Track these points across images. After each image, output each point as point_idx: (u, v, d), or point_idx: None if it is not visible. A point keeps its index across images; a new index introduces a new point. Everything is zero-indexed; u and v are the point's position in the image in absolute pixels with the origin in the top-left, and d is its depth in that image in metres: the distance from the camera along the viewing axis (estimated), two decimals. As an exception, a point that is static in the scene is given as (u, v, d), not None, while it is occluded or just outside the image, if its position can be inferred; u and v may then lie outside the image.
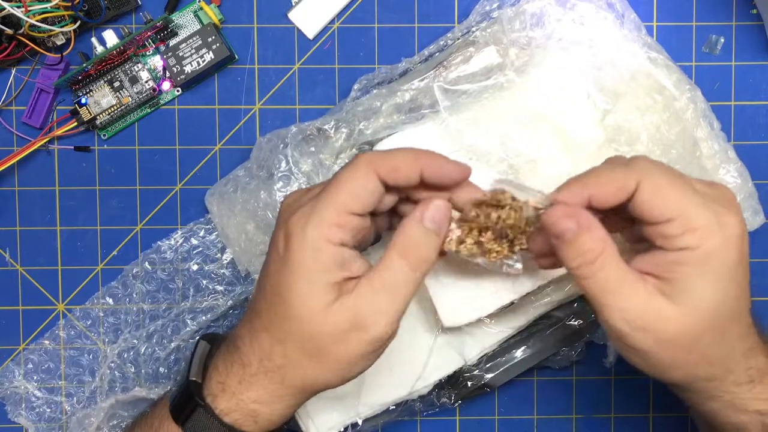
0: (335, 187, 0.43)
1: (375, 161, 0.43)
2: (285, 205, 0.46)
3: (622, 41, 0.56)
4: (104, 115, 0.61)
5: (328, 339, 0.42)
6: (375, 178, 0.43)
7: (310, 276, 0.42)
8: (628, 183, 0.42)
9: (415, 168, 0.43)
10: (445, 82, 0.56)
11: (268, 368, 0.44)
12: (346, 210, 0.42)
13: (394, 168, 0.43)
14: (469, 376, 0.59)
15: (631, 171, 0.42)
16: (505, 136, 0.55)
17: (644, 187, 0.41)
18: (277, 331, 0.44)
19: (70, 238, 0.62)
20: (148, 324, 0.62)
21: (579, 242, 0.42)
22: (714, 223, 0.41)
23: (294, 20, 0.61)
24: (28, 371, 0.62)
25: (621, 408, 0.62)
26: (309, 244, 0.42)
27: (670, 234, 0.41)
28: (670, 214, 0.41)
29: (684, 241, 0.41)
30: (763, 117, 0.61)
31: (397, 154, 0.44)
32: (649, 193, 0.41)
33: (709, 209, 0.41)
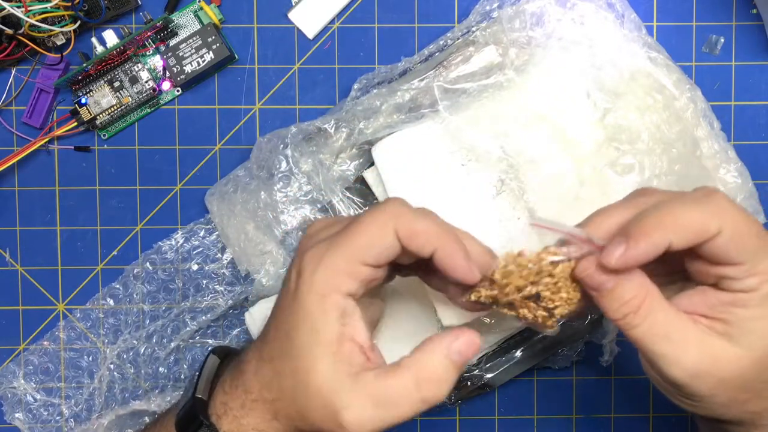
0: (353, 233, 0.41)
1: (399, 217, 0.41)
2: (307, 235, 0.44)
3: (622, 41, 0.56)
4: (104, 115, 0.61)
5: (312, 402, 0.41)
6: (393, 235, 0.40)
7: (312, 321, 0.41)
8: (712, 225, 0.38)
9: (431, 243, 0.40)
10: (445, 81, 0.56)
11: (266, 398, 0.43)
12: (359, 260, 0.40)
13: (412, 234, 0.40)
14: (469, 376, 0.59)
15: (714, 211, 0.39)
16: (505, 135, 0.55)
17: (727, 232, 0.38)
18: (278, 363, 0.43)
19: (70, 238, 0.62)
20: (148, 324, 0.62)
21: (618, 292, 0.39)
22: None
23: (294, 20, 0.61)
24: (28, 372, 0.62)
25: (621, 408, 0.62)
26: (315, 290, 0.41)
27: (734, 276, 0.39)
28: (744, 258, 0.39)
29: (745, 283, 0.39)
30: (763, 117, 0.61)
31: (423, 219, 0.41)
32: (731, 237, 0.38)
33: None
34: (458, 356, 0.41)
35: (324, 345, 0.41)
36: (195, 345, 0.62)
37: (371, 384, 0.40)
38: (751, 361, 0.40)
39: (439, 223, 0.41)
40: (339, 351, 0.41)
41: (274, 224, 0.58)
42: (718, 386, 0.40)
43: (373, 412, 0.40)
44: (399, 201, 0.42)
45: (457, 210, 0.55)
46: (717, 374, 0.40)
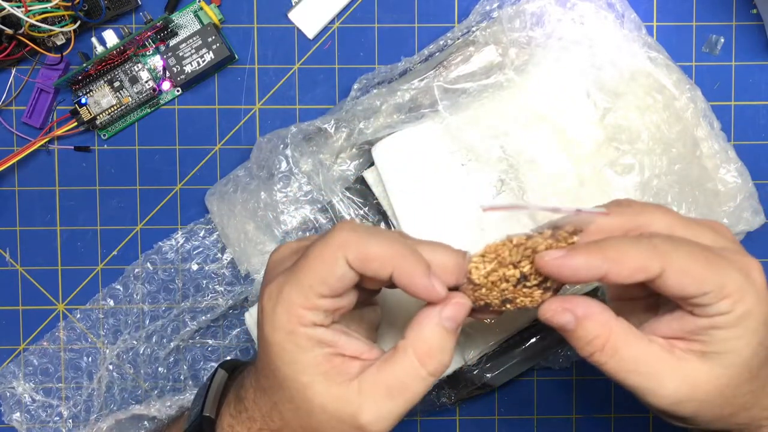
0: (303, 268, 0.40)
1: (346, 245, 0.39)
2: (271, 262, 0.43)
3: (622, 41, 0.56)
4: (104, 115, 0.61)
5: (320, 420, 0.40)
6: (344, 264, 0.39)
7: (289, 356, 0.40)
8: (652, 266, 0.38)
9: (386, 268, 0.39)
10: (445, 81, 0.56)
11: (270, 427, 0.43)
12: (315, 294, 0.39)
13: (363, 258, 0.39)
14: (469, 376, 0.59)
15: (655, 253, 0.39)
16: (505, 135, 0.55)
17: (672, 271, 0.38)
18: (273, 394, 0.42)
19: (70, 238, 0.62)
20: (147, 325, 0.62)
21: (580, 333, 0.40)
22: (745, 284, 0.39)
23: (294, 20, 0.61)
24: (28, 373, 0.62)
25: (621, 408, 0.62)
26: (281, 327, 0.40)
27: (703, 304, 0.39)
28: (703, 289, 0.39)
29: (718, 308, 0.39)
30: (763, 117, 0.61)
31: (373, 242, 0.39)
32: (677, 275, 0.38)
33: (738, 269, 0.39)
34: (450, 322, 0.40)
35: (311, 369, 0.40)
36: (195, 345, 0.62)
37: (376, 377, 0.40)
38: (730, 378, 0.40)
39: (392, 241, 0.40)
40: (329, 369, 0.40)
41: (274, 224, 0.58)
42: (700, 408, 0.40)
43: (389, 402, 0.40)
44: (348, 226, 0.40)
45: (457, 210, 0.55)
46: (697, 398, 0.40)
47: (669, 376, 0.40)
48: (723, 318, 0.39)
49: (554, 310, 0.40)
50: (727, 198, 0.56)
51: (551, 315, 0.40)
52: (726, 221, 0.56)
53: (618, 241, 0.40)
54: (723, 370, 0.40)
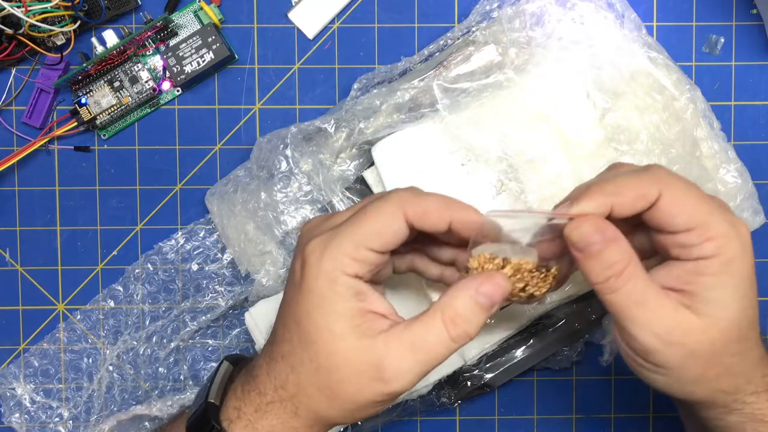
0: (359, 221, 0.42)
1: (406, 202, 0.42)
2: (304, 231, 0.45)
3: (622, 41, 0.56)
4: (104, 115, 0.61)
5: (342, 376, 0.41)
6: (402, 219, 0.42)
7: (326, 304, 0.41)
8: (651, 191, 0.41)
9: (445, 217, 0.42)
10: (444, 81, 0.56)
11: (283, 397, 0.43)
12: (366, 246, 0.41)
13: (423, 212, 0.42)
14: (469, 376, 0.59)
15: (653, 179, 0.41)
16: (505, 134, 0.55)
17: (666, 196, 0.41)
18: (292, 358, 0.43)
19: (70, 238, 0.62)
20: (148, 325, 0.62)
21: (605, 255, 0.41)
22: (731, 231, 0.40)
23: (294, 20, 0.61)
24: (28, 374, 0.62)
25: (621, 408, 0.62)
26: (324, 275, 0.41)
27: (689, 243, 0.41)
28: (691, 223, 0.40)
29: (703, 250, 0.40)
30: (763, 117, 0.61)
31: (429, 198, 0.43)
32: (671, 202, 0.41)
33: (725, 218, 0.41)
34: (485, 298, 0.42)
35: (344, 320, 0.41)
36: (195, 345, 0.62)
37: (403, 333, 0.41)
38: (718, 331, 0.41)
39: (445, 198, 0.43)
40: (361, 323, 0.41)
41: (274, 224, 0.58)
42: (688, 358, 0.41)
43: (411, 357, 0.41)
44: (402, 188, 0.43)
45: (457, 210, 0.55)
46: (687, 345, 0.41)
47: (667, 315, 0.40)
48: (706, 263, 0.40)
49: (585, 229, 0.41)
50: (727, 198, 0.56)
51: (581, 233, 0.41)
52: (726, 221, 0.56)
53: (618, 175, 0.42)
54: (710, 322, 0.40)
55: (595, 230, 0.41)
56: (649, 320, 0.40)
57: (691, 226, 0.40)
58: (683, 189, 0.41)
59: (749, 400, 0.43)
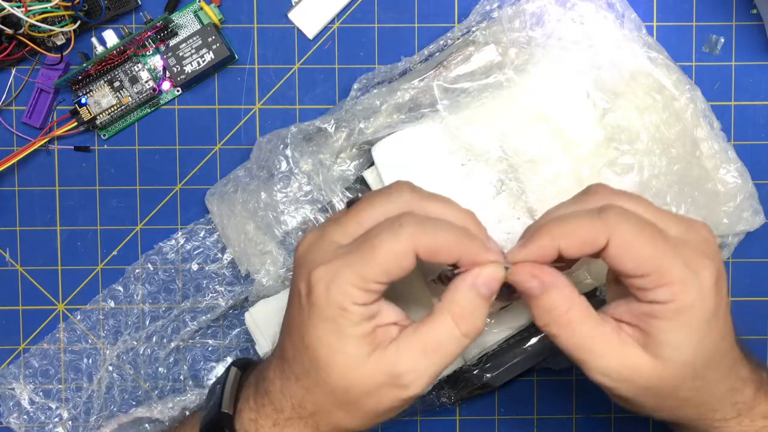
0: (368, 256, 0.41)
1: (417, 236, 0.41)
2: (302, 250, 0.44)
3: (622, 41, 0.56)
4: (104, 115, 0.61)
5: (360, 392, 0.42)
6: (413, 257, 0.41)
7: (339, 329, 0.41)
8: (598, 238, 0.40)
9: (454, 254, 0.42)
10: (444, 81, 0.56)
11: (302, 415, 0.44)
12: (374, 280, 0.41)
13: (434, 249, 0.41)
14: (469, 376, 0.59)
15: (602, 224, 0.40)
16: (504, 134, 0.55)
17: (614, 243, 0.40)
18: (306, 380, 0.43)
19: (70, 238, 0.62)
20: (148, 325, 0.62)
21: (544, 301, 0.41)
22: (688, 277, 0.40)
23: (294, 20, 0.61)
24: (28, 374, 0.62)
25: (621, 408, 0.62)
26: (333, 305, 0.41)
27: (643, 287, 0.40)
28: (642, 269, 0.40)
29: (657, 294, 0.40)
30: (763, 117, 0.61)
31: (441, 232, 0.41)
32: (620, 250, 0.40)
33: (683, 262, 0.40)
34: (485, 288, 0.42)
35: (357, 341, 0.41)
36: (195, 345, 0.62)
37: (413, 337, 0.42)
38: (670, 372, 0.41)
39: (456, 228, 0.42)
40: (373, 339, 0.42)
41: (274, 224, 0.58)
42: (641, 393, 0.42)
43: (426, 360, 0.41)
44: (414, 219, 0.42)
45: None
46: (637, 382, 0.41)
47: (612, 356, 0.41)
48: (660, 307, 0.40)
49: (524, 273, 0.42)
50: (727, 198, 0.56)
51: (520, 278, 0.42)
52: (726, 221, 0.56)
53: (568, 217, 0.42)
54: (662, 362, 0.41)
55: (530, 276, 0.41)
56: (596, 363, 0.41)
57: (642, 272, 0.40)
58: (634, 234, 0.40)
59: (718, 424, 0.44)
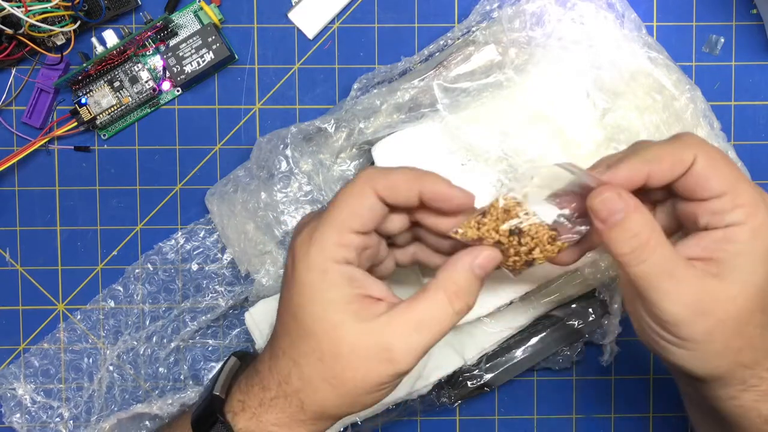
0: (334, 207, 0.43)
1: (373, 178, 0.42)
2: (296, 228, 0.45)
3: (622, 41, 0.56)
4: (104, 115, 0.61)
5: (348, 361, 0.42)
6: (372, 195, 0.42)
7: (320, 294, 0.42)
8: (686, 156, 0.41)
9: (413, 188, 0.42)
10: (444, 80, 0.56)
11: (287, 392, 0.44)
12: (347, 228, 0.42)
13: (391, 185, 0.42)
14: (469, 376, 0.59)
15: (686, 144, 0.41)
16: (505, 134, 0.55)
17: (700, 160, 0.41)
18: (293, 351, 0.43)
19: (70, 238, 0.62)
20: (148, 325, 0.62)
21: (629, 224, 0.40)
22: (759, 200, 0.41)
23: (294, 20, 0.61)
24: (28, 374, 0.62)
25: (621, 408, 0.62)
26: (315, 266, 0.42)
27: (720, 209, 0.41)
28: (723, 188, 0.41)
29: (733, 216, 0.40)
30: (763, 117, 0.61)
31: (396, 171, 0.43)
32: (705, 166, 0.41)
33: (753, 186, 0.41)
34: (480, 270, 0.43)
35: (341, 307, 0.41)
36: (195, 345, 0.62)
37: (405, 313, 0.42)
38: (745, 299, 0.40)
39: (414, 170, 0.43)
40: (359, 308, 0.42)
41: (274, 224, 0.58)
42: (715, 328, 0.41)
43: (417, 336, 0.42)
44: (370, 167, 0.44)
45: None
46: (716, 313, 0.40)
47: (697, 285, 0.40)
48: (737, 229, 0.40)
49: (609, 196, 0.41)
50: (727, 198, 0.56)
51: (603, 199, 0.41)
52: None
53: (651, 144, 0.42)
54: (737, 289, 0.40)
55: (618, 198, 0.40)
56: (678, 290, 0.40)
57: (723, 190, 0.41)
58: (716, 154, 0.41)
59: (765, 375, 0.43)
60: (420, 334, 0.42)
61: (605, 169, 0.42)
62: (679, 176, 0.41)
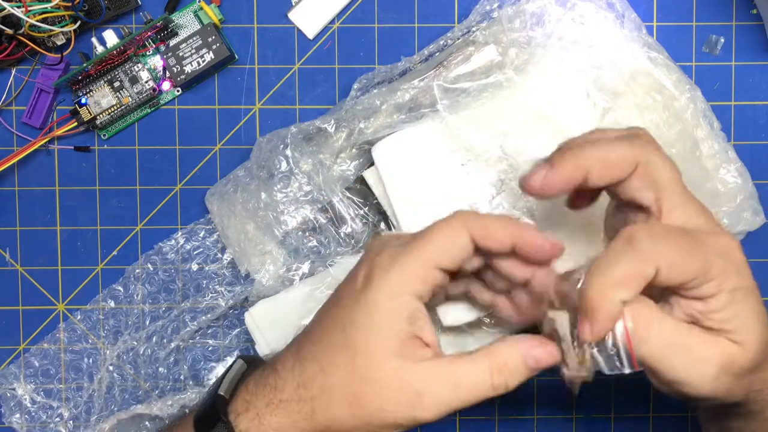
0: (426, 239, 0.42)
1: (470, 220, 0.42)
2: (372, 245, 0.45)
3: (622, 41, 0.56)
4: (104, 115, 0.61)
5: (377, 390, 0.41)
6: (467, 235, 0.42)
7: (381, 318, 0.42)
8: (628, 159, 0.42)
9: (507, 237, 0.42)
10: (444, 81, 0.56)
11: (303, 397, 0.43)
12: (433, 264, 0.42)
13: (487, 232, 0.42)
14: (469, 376, 0.59)
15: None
16: (505, 134, 0.55)
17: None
18: (324, 360, 0.43)
19: (70, 238, 0.62)
20: (148, 325, 0.62)
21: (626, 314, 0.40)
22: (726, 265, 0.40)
23: (294, 20, 0.61)
24: (28, 374, 0.62)
25: (621, 408, 0.62)
26: (389, 289, 0.42)
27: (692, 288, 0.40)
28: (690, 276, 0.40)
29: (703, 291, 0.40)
30: (763, 117, 0.61)
31: (493, 218, 0.43)
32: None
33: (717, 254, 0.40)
34: (534, 362, 0.42)
35: (393, 338, 0.41)
36: (195, 345, 0.62)
37: (448, 367, 0.42)
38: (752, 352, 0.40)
39: (510, 219, 0.43)
40: (407, 347, 0.42)
41: (274, 224, 0.58)
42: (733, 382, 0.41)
43: (450, 393, 0.41)
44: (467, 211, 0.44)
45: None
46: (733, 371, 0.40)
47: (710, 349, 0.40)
48: (714, 300, 0.40)
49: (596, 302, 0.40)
50: (727, 198, 0.56)
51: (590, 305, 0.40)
52: (726, 221, 0.56)
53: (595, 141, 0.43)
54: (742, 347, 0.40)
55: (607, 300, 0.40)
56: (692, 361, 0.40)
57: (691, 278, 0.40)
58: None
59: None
60: (453, 393, 0.41)
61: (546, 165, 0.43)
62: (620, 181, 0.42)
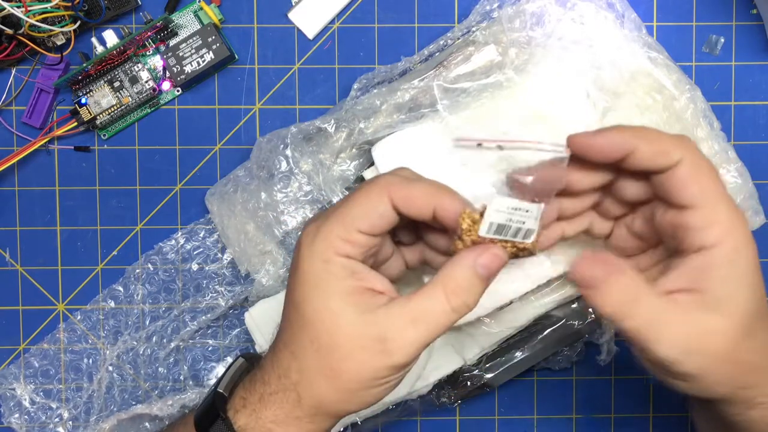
0: (346, 204, 0.43)
1: (390, 186, 0.42)
2: (306, 223, 0.46)
3: (622, 41, 0.56)
4: (104, 115, 0.61)
5: (344, 352, 0.41)
6: (387, 203, 0.42)
7: (322, 284, 0.42)
8: (673, 153, 0.40)
9: (428, 203, 0.42)
10: (444, 81, 0.56)
11: (286, 386, 0.43)
12: (354, 227, 0.42)
13: (408, 198, 0.42)
14: (469, 376, 0.59)
15: (678, 145, 0.41)
16: (505, 134, 0.55)
17: (686, 164, 0.40)
18: (293, 344, 0.43)
19: (70, 238, 0.62)
20: (148, 325, 0.62)
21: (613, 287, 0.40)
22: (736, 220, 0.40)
23: (294, 20, 0.61)
24: (28, 374, 0.62)
25: (621, 408, 0.62)
26: (317, 256, 0.42)
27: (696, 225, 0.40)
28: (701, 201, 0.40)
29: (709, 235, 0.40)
30: (763, 117, 0.61)
31: (416, 184, 0.42)
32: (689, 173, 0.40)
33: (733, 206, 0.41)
34: (484, 269, 0.42)
35: (341, 297, 0.41)
36: (195, 345, 0.62)
37: (403, 306, 0.42)
38: (733, 327, 0.40)
39: (433, 184, 0.43)
40: (359, 300, 0.42)
41: (274, 224, 0.58)
42: (708, 363, 0.41)
43: (414, 330, 0.41)
44: (390, 172, 0.44)
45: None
46: (707, 350, 0.40)
47: (684, 325, 0.40)
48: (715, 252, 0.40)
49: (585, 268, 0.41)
50: (727, 198, 0.56)
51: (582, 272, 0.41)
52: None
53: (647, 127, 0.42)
54: (727, 320, 0.40)
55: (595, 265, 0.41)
56: (668, 334, 0.40)
57: (701, 203, 0.40)
58: (703, 165, 0.41)
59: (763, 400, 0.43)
60: (416, 328, 0.41)
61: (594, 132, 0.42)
62: (660, 169, 0.41)
